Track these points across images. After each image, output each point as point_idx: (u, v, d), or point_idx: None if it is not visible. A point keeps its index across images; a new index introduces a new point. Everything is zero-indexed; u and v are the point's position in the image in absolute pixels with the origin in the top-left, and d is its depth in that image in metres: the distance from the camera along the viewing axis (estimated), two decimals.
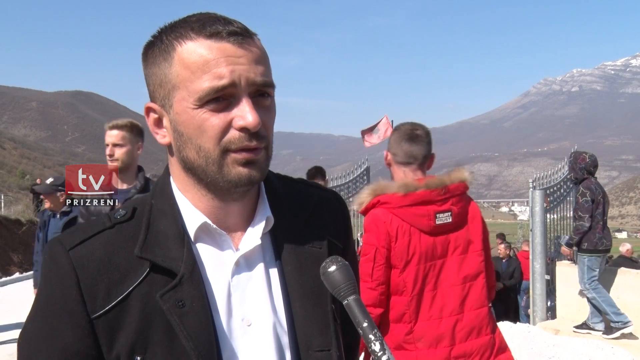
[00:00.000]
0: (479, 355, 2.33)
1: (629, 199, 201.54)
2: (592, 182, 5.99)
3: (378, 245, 2.30)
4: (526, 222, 14.24)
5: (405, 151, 2.42)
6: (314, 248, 0.98)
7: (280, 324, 0.93)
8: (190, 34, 0.86)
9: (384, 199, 2.33)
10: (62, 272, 0.88)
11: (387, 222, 2.30)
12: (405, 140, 2.42)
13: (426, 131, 2.47)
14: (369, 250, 2.31)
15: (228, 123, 0.85)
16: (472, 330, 2.35)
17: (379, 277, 2.29)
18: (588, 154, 6.16)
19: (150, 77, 0.91)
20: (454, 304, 2.35)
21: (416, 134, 2.43)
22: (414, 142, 2.42)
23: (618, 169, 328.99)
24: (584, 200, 5.89)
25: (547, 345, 5.72)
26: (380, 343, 0.80)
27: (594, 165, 6.05)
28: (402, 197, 2.31)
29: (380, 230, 2.30)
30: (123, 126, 3.15)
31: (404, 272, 2.29)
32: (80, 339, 0.87)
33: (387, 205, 2.33)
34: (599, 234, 5.91)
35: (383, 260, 2.29)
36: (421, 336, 2.29)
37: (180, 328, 0.85)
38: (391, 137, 2.52)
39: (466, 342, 2.33)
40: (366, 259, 2.31)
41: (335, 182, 9.92)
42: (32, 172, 54.63)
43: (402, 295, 2.30)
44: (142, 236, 0.90)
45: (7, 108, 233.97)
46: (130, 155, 3.14)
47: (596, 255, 5.93)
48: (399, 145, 2.44)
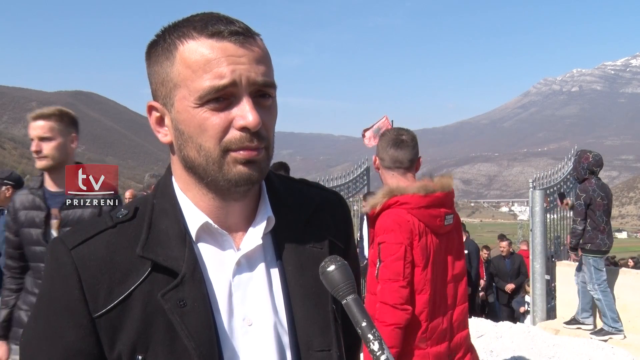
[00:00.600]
0: (464, 346, 2.54)
1: (629, 199, 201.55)
2: (592, 184, 5.97)
3: (405, 243, 2.32)
4: (526, 222, 14.27)
5: (391, 156, 2.53)
6: (315, 248, 0.98)
7: (281, 324, 0.93)
8: (192, 33, 0.86)
9: (404, 199, 2.39)
10: (64, 272, 0.88)
11: (410, 222, 2.36)
12: (391, 145, 2.53)
13: (412, 136, 2.57)
14: (396, 249, 2.32)
15: (229, 122, 0.86)
16: (460, 323, 2.53)
17: (408, 276, 2.32)
18: (593, 153, 6.10)
19: (152, 76, 0.92)
20: (450, 300, 2.49)
21: (401, 139, 2.53)
22: (399, 148, 2.52)
23: (618, 169, 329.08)
24: (578, 204, 6.00)
25: (547, 345, 5.72)
26: (379, 342, 0.80)
27: (597, 165, 6.01)
28: (422, 197, 2.39)
29: (404, 229, 2.34)
30: (50, 115, 2.64)
31: (425, 270, 2.35)
32: (82, 338, 0.88)
33: (407, 206, 2.38)
34: (602, 234, 5.95)
35: (411, 258, 2.34)
36: (432, 333, 2.37)
37: (181, 327, 0.85)
38: (378, 143, 2.62)
39: (457, 335, 2.51)
40: (395, 258, 2.31)
41: (335, 182, 9.91)
42: (32, 172, 54.62)
43: (421, 293, 2.35)
44: (144, 236, 0.90)
45: (7, 108, 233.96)
46: (63, 150, 2.64)
47: (600, 255, 5.99)
48: (385, 151, 2.55)
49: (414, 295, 2.34)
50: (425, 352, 2.35)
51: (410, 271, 2.32)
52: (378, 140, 2.64)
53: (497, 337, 5.97)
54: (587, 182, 5.98)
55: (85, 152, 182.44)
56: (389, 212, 2.39)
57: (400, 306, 2.27)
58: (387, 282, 2.31)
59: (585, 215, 5.95)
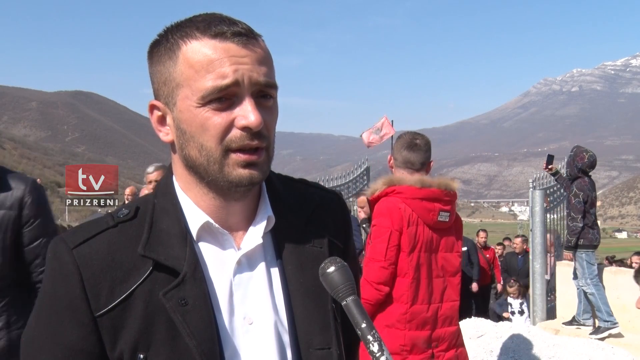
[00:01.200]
0: (448, 341, 2.66)
1: (629, 199, 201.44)
2: (586, 182, 6.09)
3: (393, 229, 2.54)
4: (526, 222, 14.26)
5: (404, 157, 2.74)
6: (314, 247, 0.99)
7: (281, 323, 0.94)
8: (195, 34, 0.87)
9: (400, 189, 2.61)
10: (65, 271, 0.88)
11: (402, 209, 2.57)
12: (405, 148, 2.74)
13: (426, 141, 2.79)
14: (384, 232, 2.55)
15: (230, 122, 0.86)
16: (447, 319, 2.67)
17: (391, 258, 2.53)
18: (588, 153, 6.17)
19: (155, 75, 0.92)
20: (437, 293, 2.65)
21: (415, 143, 2.74)
22: (412, 150, 2.73)
23: (618, 169, 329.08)
24: (577, 201, 6.05)
25: (547, 345, 5.72)
26: (378, 344, 0.81)
27: (591, 166, 6.14)
28: (417, 190, 2.59)
29: (395, 215, 2.56)
30: None
31: (410, 256, 2.54)
32: (83, 337, 0.88)
33: (402, 195, 2.60)
34: (592, 230, 6.10)
35: (396, 242, 2.54)
36: (412, 318, 2.54)
37: (183, 326, 0.86)
38: (395, 144, 2.86)
39: (442, 328, 2.65)
40: (380, 240, 2.54)
41: (335, 182, 9.91)
42: (32, 172, 54.64)
43: (404, 277, 2.55)
44: (145, 235, 0.90)
45: (7, 108, 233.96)
46: None
47: (592, 250, 6.13)
48: (399, 152, 2.76)
49: (395, 277, 2.54)
50: (402, 332, 2.52)
51: (394, 254, 2.53)
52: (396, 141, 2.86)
53: (497, 337, 5.96)
54: (581, 180, 6.09)
55: (85, 152, 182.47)
56: (386, 199, 2.63)
57: (377, 285, 2.50)
58: (370, 260, 2.57)
59: (584, 212, 6.03)
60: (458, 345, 2.73)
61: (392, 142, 9.97)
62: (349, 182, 10.12)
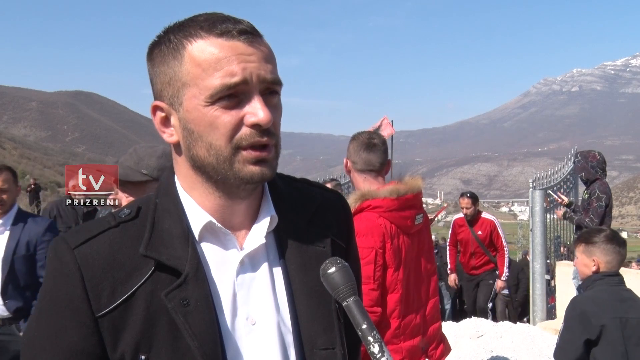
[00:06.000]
0: (436, 338, 2.64)
1: (629, 199, 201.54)
2: (607, 185, 5.65)
3: (376, 247, 2.39)
4: (526, 222, 14.26)
5: (364, 159, 2.56)
6: (317, 247, 0.99)
7: (285, 323, 0.94)
8: (200, 33, 0.86)
9: (376, 203, 2.45)
10: (66, 271, 0.88)
11: (381, 225, 2.42)
12: (364, 149, 2.56)
13: (382, 140, 2.64)
14: (368, 253, 2.38)
15: (240, 120, 0.86)
16: (432, 317, 2.64)
17: (379, 279, 2.40)
18: (596, 151, 5.87)
19: (157, 76, 0.91)
20: (422, 297, 2.59)
21: (373, 143, 2.57)
22: (371, 151, 2.55)
23: (618, 169, 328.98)
24: (598, 205, 5.49)
25: (547, 345, 5.72)
26: (379, 345, 0.80)
27: (604, 162, 5.73)
28: (393, 201, 2.45)
29: (375, 233, 2.40)
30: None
31: (397, 271, 2.44)
32: (85, 338, 0.87)
33: (379, 209, 2.44)
34: None
35: (382, 261, 2.40)
36: (405, 329, 2.47)
37: (185, 327, 0.85)
38: (350, 146, 2.65)
39: (430, 328, 2.61)
40: (366, 262, 2.38)
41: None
42: (32, 172, 54.59)
43: (394, 293, 2.44)
44: (147, 235, 0.90)
45: (7, 108, 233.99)
46: None
47: None
48: (358, 154, 2.57)
49: (385, 295, 2.44)
50: (398, 347, 2.44)
51: (381, 274, 2.40)
52: (349, 143, 2.68)
53: (497, 337, 5.96)
54: (601, 182, 5.60)
55: (85, 152, 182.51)
56: (361, 216, 2.44)
57: (370, 308, 2.37)
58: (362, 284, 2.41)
59: (603, 216, 5.51)
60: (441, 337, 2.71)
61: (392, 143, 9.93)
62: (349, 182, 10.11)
